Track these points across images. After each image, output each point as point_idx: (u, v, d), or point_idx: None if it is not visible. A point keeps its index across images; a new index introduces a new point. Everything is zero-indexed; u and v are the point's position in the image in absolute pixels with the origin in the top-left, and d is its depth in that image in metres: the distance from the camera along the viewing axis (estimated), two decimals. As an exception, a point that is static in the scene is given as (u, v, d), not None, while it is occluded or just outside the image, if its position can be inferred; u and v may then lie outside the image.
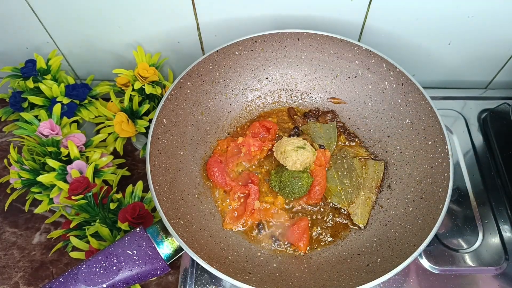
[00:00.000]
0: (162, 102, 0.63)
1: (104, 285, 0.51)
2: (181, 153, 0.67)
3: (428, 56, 0.79)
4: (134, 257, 0.52)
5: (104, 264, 0.51)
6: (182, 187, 0.64)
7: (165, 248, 0.54)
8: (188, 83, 0.67)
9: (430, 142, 0.62)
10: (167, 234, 0.55)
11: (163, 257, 0.54)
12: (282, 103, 0.77)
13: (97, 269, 0.51)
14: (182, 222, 0.58)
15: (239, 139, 0.70)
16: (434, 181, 0.60)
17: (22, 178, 0.70)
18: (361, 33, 0.75)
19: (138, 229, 0.55)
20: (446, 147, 0.59)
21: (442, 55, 0.78)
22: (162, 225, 0.55)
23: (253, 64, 0.73)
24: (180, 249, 0.55)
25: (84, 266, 0.51)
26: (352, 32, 0.74)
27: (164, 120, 0.64)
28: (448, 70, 0.82)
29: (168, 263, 0.55)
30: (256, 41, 0.70)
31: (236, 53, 0.70)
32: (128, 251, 0.52)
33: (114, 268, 0.51)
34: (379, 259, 0.57)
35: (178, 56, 0.82)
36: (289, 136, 0.72)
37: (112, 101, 0.77)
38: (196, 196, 0.66)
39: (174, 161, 0.65)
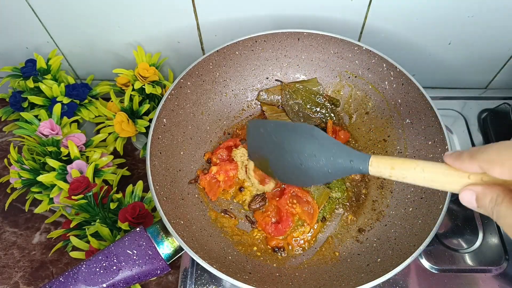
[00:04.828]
0: (162, 102, 0.63)
1: (104, 285, 0.50)
2: (182, 153, 0.67)
3: (428, 56, 0.79)
4: (134, 257, 0.52)
5: (104, 264, 0.51)
6: (182, 187, 0.64)
7: (165, 248, 0.55)
8: (188, 83, 0.67)
9: (430, 142, 0.62)
10: (167, 234, 0.55)
11: (163, 257, 0.54)
12: (282, 103, 0.76)
13: (97, 269, 0.51)
14: (182, 222, 0.58)
15: (211, 169, 0.66)
16: None
17: (22, 178, 0.70)
18: (361, 33, 0.75)
19: (138, 229, 0.55)
20: (446, 147, 0.59)
21: (442, 55, 0.78)
22: (162, 225, 0.55)
23: (253, 64, 0.73)
24: (180, 249, 0.55)
25: (84, 265, 0.51)
26: (352, 32, 0.74)
27: (164, 120, 0.64)
28: (448, 70, 0.82)
29: (168, 263, 0.55)
30: (256, 41, 0.70)
31: (236, 53, 0.70)
32: (128, 251, 0.52)
33: (114, 268, 0.51)
34: (379, 259, 0.57)
35: (178, 56, 0.82)
36: None
37: (112, 101, 0.77)
38: (196, 196, 0.66)
39: (174, 161, 0.65)
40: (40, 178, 0.67)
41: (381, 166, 0.44)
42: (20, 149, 0.82)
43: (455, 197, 0.70)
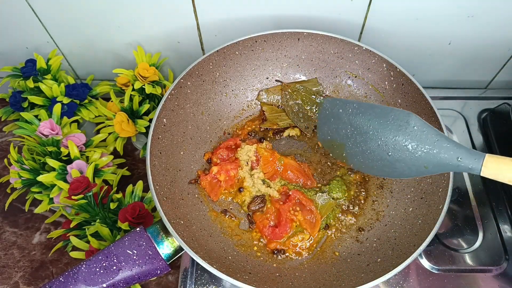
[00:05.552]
0: (162, 102, 0.63)
1: (104, 285, 0.51)
2: (182, 153, 0.67)
3: (428, 56, 0.79)
4: (134, 257, 0.52)
5: (104, 264, 0.51)
6: (182, 187, 0.64)
7: (165, 248, 0.55)
8: (188, 83, 0.67)
9: None
10: (167, 234, 0.55)
11: (163, 257, 0.54)
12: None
13: (97, 269, 0.51)
14: (182, 222, 0.58)
15: (212, 169, 0.66)
16: (434, 181, 0.60)
17: (22, 178, 0.70)
18: (361, 33, 0.75)
19: (138, 229, 0.55)
20: None
21: (442, 55, 0.78)
22: (162, 225, 0.55)
23: (254, 64, 0.73)
24: (180, 249, 0.55)
25: (84, 265, 0.51)
26: (352, 32, 0.74)
27: (164, 120, 0.64)
28: (448, 70, 0.82)
29: (168, 263, 0.55)
30: (256, 41, 0.70)
31: (237, 53, 0.70)
32: (128, 251, 0.53)
33: (114, 267, 0.51)
34: (379, 259, 0.57)
35: (178, 56, 0.82)
36: (260, 140, 0.71)
37: (112, 101, 0.77)
38: (196, 196, 0.66)
39: (174, 161, 0.65)
40: (40, 178, 0.67)
41: (500, 169, 0.39)
42: (20, 149, 0.82)
43: (454, 197, 0.70)
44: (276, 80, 0.75)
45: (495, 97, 0.81)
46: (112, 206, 0.67)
